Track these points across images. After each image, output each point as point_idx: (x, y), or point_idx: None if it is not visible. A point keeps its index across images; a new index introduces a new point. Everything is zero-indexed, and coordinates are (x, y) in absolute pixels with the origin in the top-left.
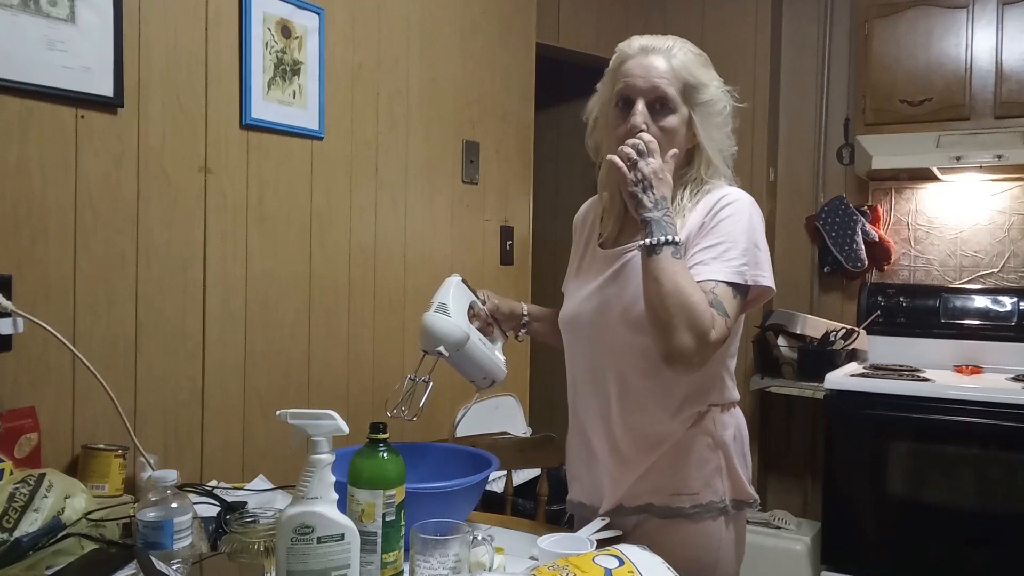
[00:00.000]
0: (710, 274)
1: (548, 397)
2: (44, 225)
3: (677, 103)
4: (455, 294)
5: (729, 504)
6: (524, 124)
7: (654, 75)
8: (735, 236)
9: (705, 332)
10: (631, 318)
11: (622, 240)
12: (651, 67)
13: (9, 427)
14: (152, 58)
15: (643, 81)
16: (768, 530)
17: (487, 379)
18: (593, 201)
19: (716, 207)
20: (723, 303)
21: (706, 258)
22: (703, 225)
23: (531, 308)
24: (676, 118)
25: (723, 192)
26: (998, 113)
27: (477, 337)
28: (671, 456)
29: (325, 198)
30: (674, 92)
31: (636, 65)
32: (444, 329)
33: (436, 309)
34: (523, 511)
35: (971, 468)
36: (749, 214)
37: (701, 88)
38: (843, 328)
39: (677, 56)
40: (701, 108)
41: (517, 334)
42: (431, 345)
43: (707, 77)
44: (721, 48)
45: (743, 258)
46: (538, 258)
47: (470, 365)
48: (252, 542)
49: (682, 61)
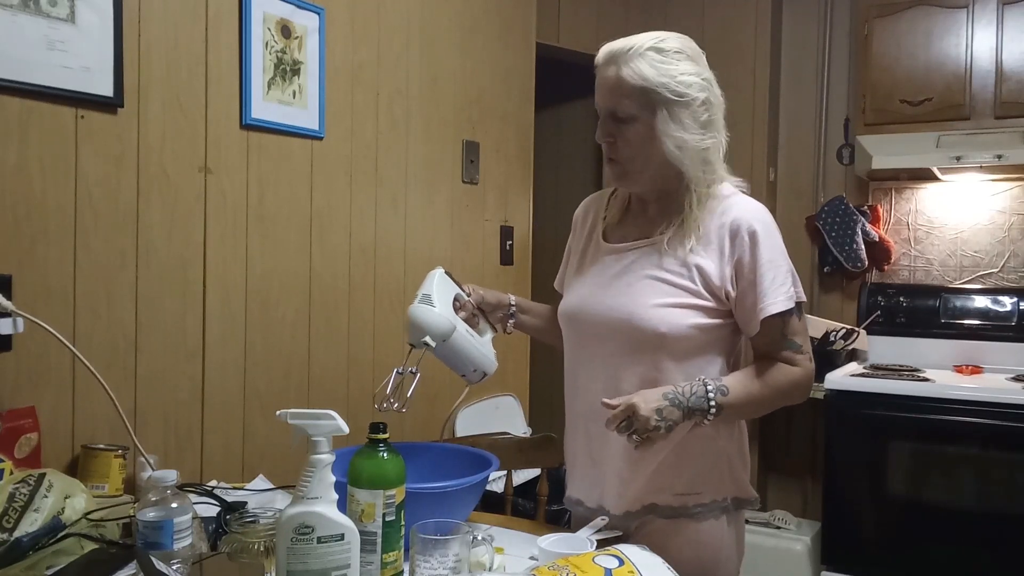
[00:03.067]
0: (773, 309)
1: (548, 397)
2: (44, 225)
3: (633, 114)
4: (439, 285)
5: (731, 503)
6: (524, 124)
7: (608, 89)
8: (776, 261)
9: (803, 387)
10: (635, 319)
11: (628, 236)
12: (606, 81)
13: (9, 427)
14: (152, 58)
15: (600, 97)
16: (768, 530)
17: (477, 372)
18: (595, 197)
19: (740, 232)
20: (793, 338)
21: (760, 294)
22: (739, 259)
23: (518, 300)
24: (638, 126)
25: (738, 211)
26: (998, 113)
27: (464, 328)
28: (674, 456)
29: (325, 198)
30: (629, 103)
31: (599, 78)
32: (429, 319)
33: (420, 300)
34: (523, 511)
35: (971, 468)
36: (774, 231)
37: (662, 87)
38: (843, 328)
39: (630, 62)
40: (668, 107)
41: (505, 326)
42: (417, 337)
43: (671, 72)
44: (721, 48)
45: (788, 280)
46: (538, 258)
47: (458, 357)
48: (252, 542)
49: (634, 67)
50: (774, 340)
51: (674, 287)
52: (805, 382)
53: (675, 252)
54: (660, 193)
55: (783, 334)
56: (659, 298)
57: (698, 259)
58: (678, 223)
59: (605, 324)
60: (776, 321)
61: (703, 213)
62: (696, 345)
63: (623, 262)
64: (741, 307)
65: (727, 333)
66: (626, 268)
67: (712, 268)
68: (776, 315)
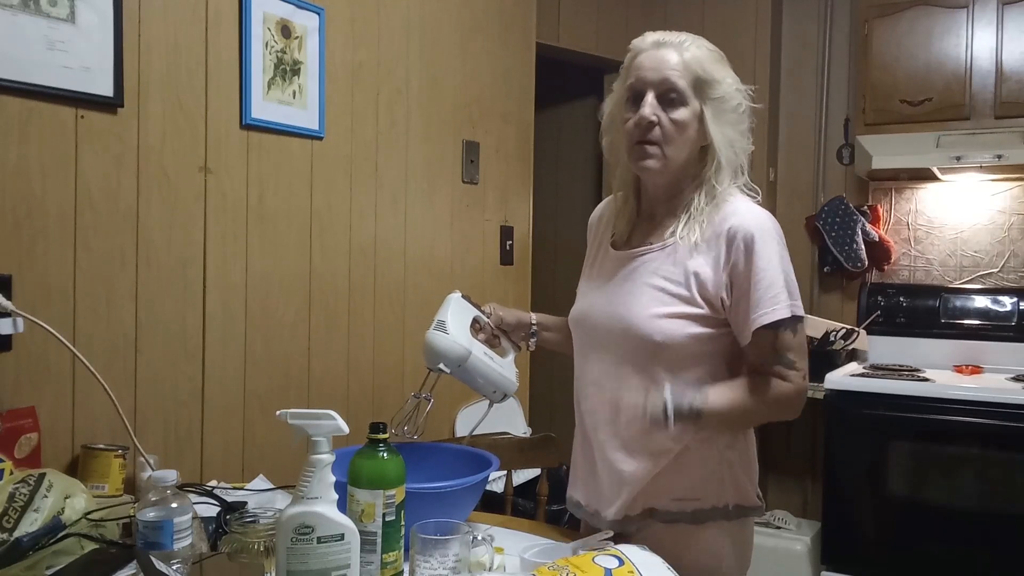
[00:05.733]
0: (765, 320)
1: (548, 397)
2: (44, 225)
3: (688, 96)
4: (453, 310)
5: (733, 510)
6: (524, 124)
7: (665, 67)
8: (772, 271)
9: (793, 404)
10: (632, 328)
11: (634, 242)
12: (662, 59)
13: (9, 427)
14: (152, 58)
15: (654, 73)
16: (768, 530)
17: (498, 393)
18: (608, 201)
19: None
20: (786, 353)
21: (753, 304)
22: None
23: (540, 317)
24: (687, 111)
25: (739, 218)
26: (998, 113)
27: (481, 351)
28: (674, 461)
29: (325, 198)
30: (685, 85)
31: (647, 58)
32: (442, 346)
33: (435, 327)
34: (523, 511)
35: (971, 468)
36: (773, 240)
37: (714, 84)
38: (843, 328)
39: (690, 50)
40: (713, 104)
41: (528, 344)
42: (432, 362)
43: (721, 73)
44: (721, 48)
45: (783, 291)
46: (538, 258)
47: (477, 380)
48: (252, 542)
49: (694, 55)
50: (764, 353)
51: (672, 296)
52: (795, 399)
53: (678, 257)
54: (672, 192)
55: (774, 348)
56: (657, 307)
57: (696, 266)
58: (684, 220)
59: (607, 331)
60: (768, 334)
61: (709, 213)
62: (693, 355)
63: (627, 269)
64: (734, 316)
65: (726, 344)
66: (629, 275)
67: (708, 274)
68: (768, 327)
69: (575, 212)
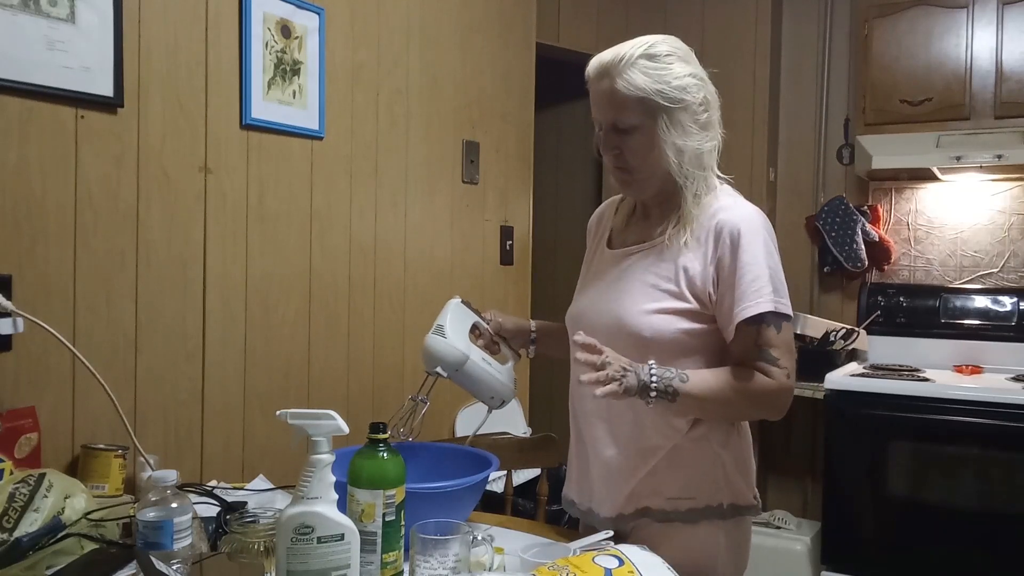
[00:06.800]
0: (748, 313)
1: (548, 397)
2: (44, 225)
3: (635, 124)
4: (452, 315)
5: (727, 509)
6: (524, 124)
7: (606, 104)
8: (757, 265)
9: (773, 401)
10: (623, 324)
11: (629, 241)
12: (603, 95)
13: (9, 427)
14: (152, 58)
15: (599, 111)
16: (768, 530)
17: (495, 399)
18: (609, 203)
19: (723, 233)
20: (768, 350)
21: (736, 297)
22: (720, 259)
23: (540, 324)
24: (641, 136)
25: (727, 213)
26: (998, 113)
27: (479, 357)
28: (668, 460)
29: (325, 198)
30: (630, 112)
31: (593, 93)
32: (440, 350)
33: (434, 331)
34: (523, 511)
35: (971, 468)
36: (760, 235)
37: (658, 95)
38: (843, 328)
39: (623, 73)
40: (667, 112)
41: (528, 351)
42: (430, 366)
43: (665, 77)
44: (721, 48)
45: (768, 286)
46: (538, 258)
47: (474, 385)
48: (252, 542)
49: (628, 78)
50: (747, 349)
51: (662, 292)
52: (776, 397)
53: (669, 254)
54: (663, 196)
55: (756, 343)
56: (648, 303)
57: (686, 261)
58: (675, 221)
59: (600, 329)
60: (751, 328)
61: (699, 212)
62: (684, 350)
63: (621, 267)
64: (720, 311)
65: (717, 339)
66: (623, 273)
67: (697, 270)
68: (751, 321)
69: (575, 212)
